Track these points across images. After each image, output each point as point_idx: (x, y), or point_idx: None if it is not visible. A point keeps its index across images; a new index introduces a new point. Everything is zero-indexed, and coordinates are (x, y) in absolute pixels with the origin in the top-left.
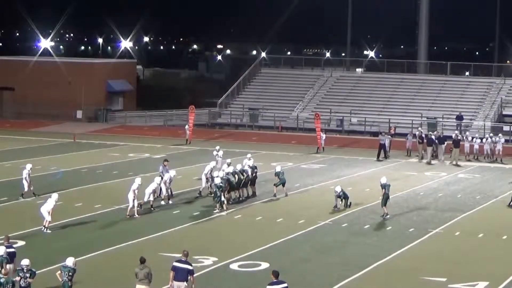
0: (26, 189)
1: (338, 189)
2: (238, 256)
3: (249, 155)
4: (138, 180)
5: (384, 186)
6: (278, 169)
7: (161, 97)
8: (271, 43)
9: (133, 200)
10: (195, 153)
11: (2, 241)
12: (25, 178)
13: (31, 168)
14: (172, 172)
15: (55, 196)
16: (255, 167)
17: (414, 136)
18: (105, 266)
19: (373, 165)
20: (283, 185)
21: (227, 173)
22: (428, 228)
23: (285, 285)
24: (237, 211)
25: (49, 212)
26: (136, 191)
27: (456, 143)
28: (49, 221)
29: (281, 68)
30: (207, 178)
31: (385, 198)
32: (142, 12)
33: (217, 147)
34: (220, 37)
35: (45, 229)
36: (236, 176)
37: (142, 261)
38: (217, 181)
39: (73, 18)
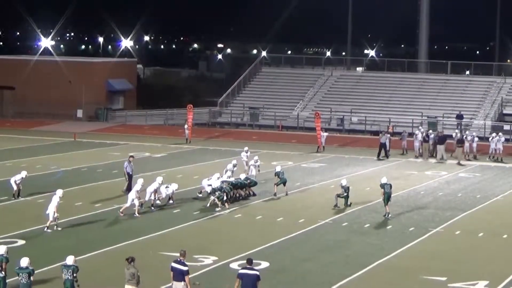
0: (15, 188)
1: (344, 182)
2: (238, 255)
3: (256, 157)
4: (140, 181)
5: (384, 186)
6: (278, 169)
7: (161, 96)
8: (272, 42)
9: (133, 200)
10: (196, 152)
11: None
12: (15, 181)
13: (26, 175)
14: (174, 186)
15: (59, 192)
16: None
17: (410, 135)
18: (106, 265)
19: (374, 164)
20: (284, 184)
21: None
22: (428, 227)
23: (257, 273)
24: (237, 210)
25: (54, 211)
26: (138, 192)
27: (459, 142)
28: (51, 220)
29: (281, 67)
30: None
31: (387, 197)
32: (143, 11)
33: (246, 148)
34: (220, 36)
35: (47, 228)
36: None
37: (130, 261)
38: (217, 183)
39: (73, 17)
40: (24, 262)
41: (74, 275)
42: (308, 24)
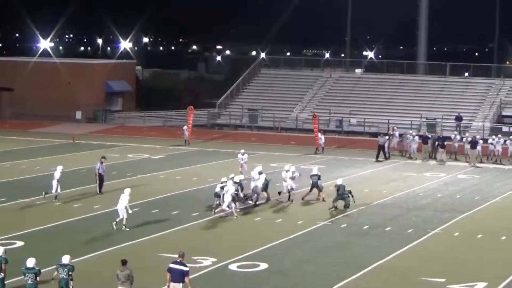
0: (54, 190)
1: (339, 181)
2: (237, 257)
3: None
4: (231, 184)
5: (339, 187)
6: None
7: (160, 98)
8: (271, 43)
9: (229, 202)
10: (194, 154)
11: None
12: (58, 179)
13: (62, 170)
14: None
15: (127, 190)
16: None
17: (406, 136)
18: (105, 266)
19: (372, 166)
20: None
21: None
22: (427, 229)
23: None
24: (236, 212)
25: (126, 208)
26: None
27: (473, 144)
28: (121, 218)
29: (280, 68)
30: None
31: (340, 198)
32: (142, 13)
33: (242, 151)
34: (219, 38)
35: (124, 227)
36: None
37: (123, 262)
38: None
39: (72, 19)
40: (31, 262)
41: (70, 273)
42: (307, 26)
